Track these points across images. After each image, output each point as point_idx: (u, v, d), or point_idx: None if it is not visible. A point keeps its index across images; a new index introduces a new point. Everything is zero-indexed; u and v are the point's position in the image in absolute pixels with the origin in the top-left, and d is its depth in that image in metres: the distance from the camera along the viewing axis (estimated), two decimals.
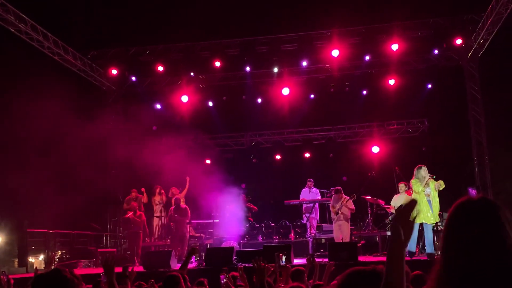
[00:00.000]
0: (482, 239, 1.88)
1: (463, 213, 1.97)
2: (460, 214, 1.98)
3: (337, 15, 15.84)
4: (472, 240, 1.89)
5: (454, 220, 1.99)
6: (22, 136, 13.46)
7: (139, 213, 14.34)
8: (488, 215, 1.93)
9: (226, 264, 9.49)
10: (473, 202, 1.99)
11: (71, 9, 15.73)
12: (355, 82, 18.02)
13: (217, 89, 18.62)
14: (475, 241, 1.88)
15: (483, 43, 15.97)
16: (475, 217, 1.94)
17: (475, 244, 1.88)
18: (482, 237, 1.88)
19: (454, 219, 1.99)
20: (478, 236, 1.89)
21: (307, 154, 19.33)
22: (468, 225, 1.93)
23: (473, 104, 16.69)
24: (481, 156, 16.47)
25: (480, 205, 1.97)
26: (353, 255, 10.59)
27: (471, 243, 1.89)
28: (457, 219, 1.98)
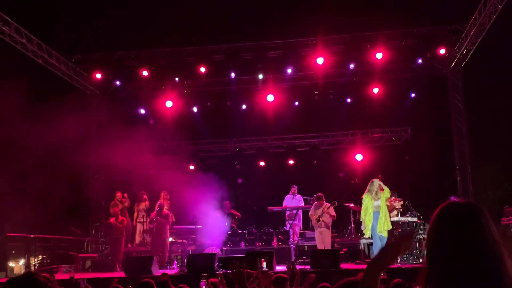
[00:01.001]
0: (467, 243, 1.89)
1: (448, 217, 1.98)
2: (445, 217, 1.99)
3: (322, 23, 15.93)
4: (458, 245, 1.89)
5: (439, 223, 1.99)
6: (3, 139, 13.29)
7: (121, 219, 14.24)
8: (473, 219, 1.94)
9: (208, 271, 9.44)
10: (458, 205, 1.99)
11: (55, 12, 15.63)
12: (340, 90, 18.10)
13: (202, 94, 18.59)
14: (460, 245, 1.89)
15: (466, 53, 16.15)
16: (460, 221, 1.94)
17: (461, 249, 1.89)
18: (467, 241, 1.89)
19: (439, 222, 1.99)
20: (463, 241, 1.89)
21: (291, 161, 19.37)
22: (453, 229, 1.93)
23: (456, 113, 16.85)
24: (464, 166, 16.60)
25: (465, 209, 1.97)
26: (335, 262, 10.60)
27: (456, 248, 1.89)
28: (442, 223, 1.98)
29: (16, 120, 13.32)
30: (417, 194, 16.03)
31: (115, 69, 17.69)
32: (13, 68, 14.60)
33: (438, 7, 16.21)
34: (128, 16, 16.63)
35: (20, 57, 14.77)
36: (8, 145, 13.61)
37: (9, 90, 12.83)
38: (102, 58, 17.31)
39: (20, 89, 13.08)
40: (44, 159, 13.56)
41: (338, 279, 3.69)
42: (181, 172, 15.89)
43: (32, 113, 13.62)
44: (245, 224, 15.45)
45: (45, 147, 13.30)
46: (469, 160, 16.56)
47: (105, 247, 16.55)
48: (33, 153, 13.48)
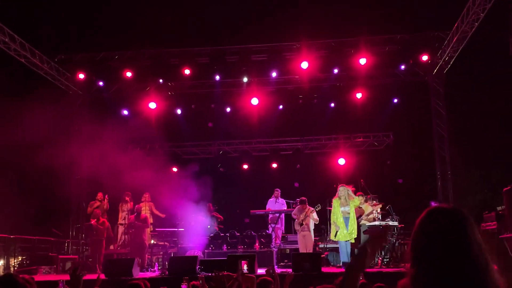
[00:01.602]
0: (453, 247, 1.90)
1: (434, 221, 1.99)
2: (431, 222, 2.00)
3: (307, 28, 16.04)
4: (443, 249, 1.91)
5: (425, 228, 2.00)
6: None
7: (102, 220, 14.14)
8: (459, 224, 1.96)
9: (190, 273, 9.42)
10: (443, 210, 2.01)
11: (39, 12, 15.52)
12: (323, 94, 18.20)
13: (186, 97, 18.55)
14: (446, 249, 1.91)
15: (449, 60, 16.34)
16: (446, 225, 1.96)
17: (446, 253, 1.90)
18: (452, 246, 1.91)
19: (424, 227, 2.01)
20: (448, 245, 1.91)
21: (274, 165, 19.41)
22: (438, 233, 1.95)
23: (437, 119, 17.03)
24: (444, 171, 16.78)
25: (451, 214, 1.99)
26: (317, 266, 10.63)
27: (442, 252, 1.91)
28: (428, 227, 1.99)
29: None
30: (398, 198, 16.17)
31: (99, 69, 17.60)
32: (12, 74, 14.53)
33: (421, 14, 16.40)
34: (112, 17, 16.57)
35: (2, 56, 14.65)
36: None
37: None
38: (86, 59, 17.20)
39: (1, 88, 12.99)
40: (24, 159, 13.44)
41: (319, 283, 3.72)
42: (164, 174, 15.84)
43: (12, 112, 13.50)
44: (228, 227, 15.43)
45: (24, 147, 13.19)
46: (450, 166, 16.74)
47: (85, 249, 16.43)
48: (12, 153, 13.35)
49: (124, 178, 15.28)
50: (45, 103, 14.02)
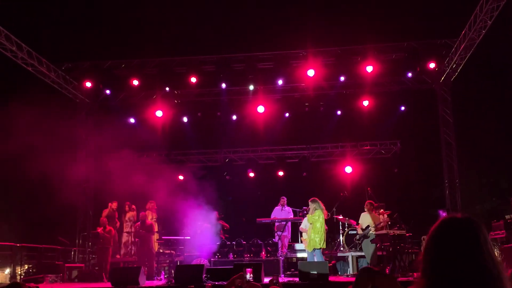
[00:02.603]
0: (466, 258, 1.88)
1: (447, 232, 1.97)
2: (444, 232, 1.98)
3: (313, 36, 16.01)
4: (456, 259, 1.89)
5: (438, 238, 1.98)
6: None
7: (108, 228, 14.13)
8: (472, 234, 1.93)
9: (196, 282, 9.38)
10: (457, 220, 1.98)
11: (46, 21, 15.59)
12: (330, 102, 18.16)
13: (192, 105, 18.57)
14: (458, 260, 1.88)
15: (456, 67, 16.28)
16: (459, 236, 1.93)
17: (459, 263, 1.88)
18: (465, 256, 1.88)
19: (438, 237, 1.98)
20: (461, 255, 1.89)
21: (281, 173, 19.35)
22: (451, 244, 1.92)
23: (445, 127, 16.95)
24: (452, 179, 16.68)
25: (464, 224, 1.96)
26: (324, 275, 10.55)
27: (454, 262, 1.88)
28: (441, 238, 1.97)
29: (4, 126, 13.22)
30: (406, 207, 16.07)
31: (105, 78, 17.65)
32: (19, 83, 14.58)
33: (428, 21, 16.36)
34: (119, 25, 16.62)
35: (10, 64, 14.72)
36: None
37: None
38: (93, 67, 17.27)
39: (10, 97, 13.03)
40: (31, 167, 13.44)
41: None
42: (170, 182, 15.82)
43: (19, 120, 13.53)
44: (234, 236, 15.38)
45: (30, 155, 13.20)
46: (458, 174, 16.64)
47: (92, 257, 16.40)
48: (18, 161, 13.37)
49: (130, 186, 15.28)
50: (52, 111, 14.05)
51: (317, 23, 16.01)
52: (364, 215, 12.91)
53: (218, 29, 16.53)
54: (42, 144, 13.77)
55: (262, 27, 16.82)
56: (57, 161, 14.23)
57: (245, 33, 16.85)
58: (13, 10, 15.23)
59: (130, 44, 16.87)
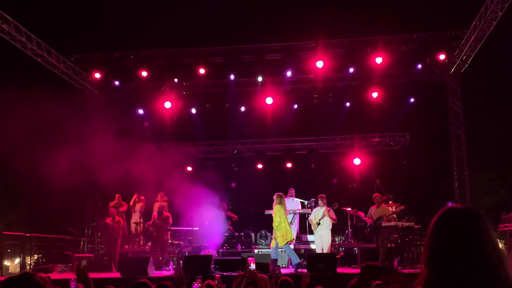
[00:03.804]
0: (466, 249, 1.88)
1: (448, 222, 1.97)
2: (444, 223, 1.98)
3: (322, 27, 15.96)
4: (456, 250, 1.89)
5: (438, 229, 1.98)
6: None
7: (117, 219, 14.20)
8: (472, 224, 1.93)
9: (204, 273, 9.41)
10: (457, 211, 1.98)
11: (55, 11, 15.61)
12: (339, 94, 18.10)
13: (201, 96, 18.56)
14: (459, 251, 1.89)
15: (466, 59, 16.16)
16: (459, 226, 1.94)
17: (460, 254, 1.88)
18: (466, 247, 1.89)
19: (438, 228, 1.99)
20: (462, 246, 1.89)
21: (289, 164, 19.34)
22: (452, 235, 1.93)
23: (454, 119, 16.85)
24: (461, 172, 16.60)
25: (464, 214, 1.97)
26: (332, 266, 10.57)
27: (455, 253, 1.89)
28: (441, 228, 1.97)
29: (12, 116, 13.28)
30: (414, 199, 16.04)
31: (114, 69, 17.66)
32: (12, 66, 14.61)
33: (438, 12, 16.25)
34: (127, 17, 16.63)
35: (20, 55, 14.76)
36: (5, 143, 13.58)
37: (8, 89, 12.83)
38: (101, 58, 17.27)
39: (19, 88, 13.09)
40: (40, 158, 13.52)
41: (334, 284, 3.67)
42: (178, 174, 15.86)
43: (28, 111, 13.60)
44: (242, 227, 15.42)
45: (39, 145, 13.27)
46: (467, 166, 16.56)
47: (101, 247, 16.50)
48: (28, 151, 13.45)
49: (138, 177, 15.35)
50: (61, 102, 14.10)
51: (327, 14, 15.94)
52: (374, 209, 12.89)
53: (227, 20, 16.51)
54: (51, 135, 13.85)
55: (271, 18, 16.79)
56: (65, 152, 14.30)
57: (253, 24, 16.82)
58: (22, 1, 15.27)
59: (139, 35, 16.89)
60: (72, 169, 14.72)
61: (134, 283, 5.24)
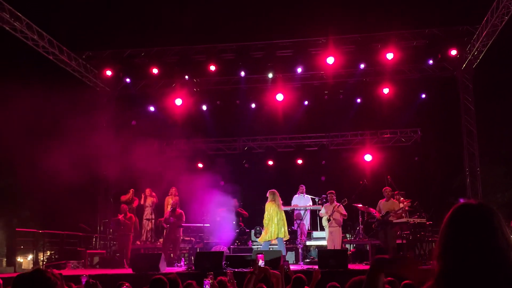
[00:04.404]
0: (480, 245, 1.87)
1: (461, 218, 1.96)
2: (458, 219, 1.97)
3: (333, 23, 15.91)
4: (470, 247, 1.88)
5: (452, 225, 1.97)
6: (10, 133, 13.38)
7: (129, 215, 14.28)
8: (486, 220, 1.92)
9: (216, 269, 9.44)
10: (471, 207, 1.98)
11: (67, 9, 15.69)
12: (349, 90, 18.04)
13: (211, 93, 18.59)
14: (473, 247, 1.87)
15: (478, 54, 16.05)
16: (473, 222, 1.93)
17: (473, 251, 1.87)
18: (479, 243, 1.87)
19: (451, 224, 1.98)
20: (475, 242, 1.88)
21: (300, 161, 19.32)
22: (466, 231, 1.92)
23: (466, 115, 16.74)
24: (473, 167, 16.51)
25: (478, 210, 1.96)
26: (343, 263, 10.56)
27: (468, 250, 1.88)
28: (455, 225, 1.96)
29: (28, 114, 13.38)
30: (426, 195, 15.98)
31: (125, 66, 17.74)
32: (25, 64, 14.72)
33: (450, 8, 16.14)
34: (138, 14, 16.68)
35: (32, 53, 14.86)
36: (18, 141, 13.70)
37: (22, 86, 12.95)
38: (112, 56, 17.35)
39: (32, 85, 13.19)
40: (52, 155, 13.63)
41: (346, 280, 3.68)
42: (189, 170, 15.92)
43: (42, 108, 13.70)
44: (252, 223, 15.45)
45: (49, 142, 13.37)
46: (479, 162, 16.46)
47: (113, 244, 16.60)
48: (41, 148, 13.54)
49: (150, 173, 15.42)
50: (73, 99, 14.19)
51: (337, 10, 15.88)
52: (384, 203, 12.87)
53: (237, 17, 16.50)
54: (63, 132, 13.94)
55: (281, 15, 16.76)
56: (78, 148, 14.39)
57: (264, 20, 16.80)
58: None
59: (150, 32, 16.93)
60: (83, 166, 14.83)
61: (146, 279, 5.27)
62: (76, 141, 14.05)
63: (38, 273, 2.64)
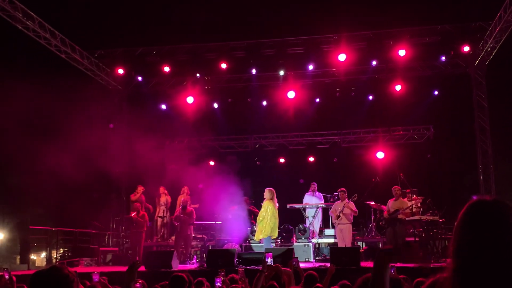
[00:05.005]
0: (495, 242, 1.85)
1: (476, 214, 1.95)
2: (473, 216, 1.95)
3: (345, 20, 15.81)
4: (485, 244, 1.86)
5: (467, 222, 1.96)
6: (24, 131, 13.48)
7: (142, 213, 14.34)
8: (502, 216, 1.91)
9: (228, 266, 9.46)
10: (486, 203, 1.96)
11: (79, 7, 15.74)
12: (361, 87, 17.96)
13: (223, 91, 18.61)
14: (488, 244, 1.86)
15: (491, 51, 15.92)
16: (488, 219, 1.91)
17: (489, 248, 1.85)
18: (495, 240, 1.86)
19: (466, 221, 1.96)
20: (491, 239, 1.86)
21: (311, 158, 19.29)
22: (481, 228, 1.90)
23: (479, 112, 16.62)
24: (486, 165, 16.39)
25: (493, 206, 1.94)
26: (355, 260, 10.53)
27: (484, 247, 1.86)
28: (470, 222, 1.95)
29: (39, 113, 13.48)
30: (439, 193, 15.90)
31: (137, 65, 17.81)
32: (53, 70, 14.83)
33: (462, 4, 15.99)
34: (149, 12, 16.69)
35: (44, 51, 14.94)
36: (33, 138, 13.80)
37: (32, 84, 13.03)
38: (124, 54, 17.42)
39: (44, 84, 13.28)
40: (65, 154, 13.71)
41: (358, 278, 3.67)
42: (201, 168, 15.96)
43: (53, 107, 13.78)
44: None
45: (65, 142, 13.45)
46: (492, 159, 16.34)
47: (125, 241, 16.70)
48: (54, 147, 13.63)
49: (162, 171, 15.48)
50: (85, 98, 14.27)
51: (349, 7, 15.78)
52: (393, 202, 12.83)
53: (248, 14, 16.44)
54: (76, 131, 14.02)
55: (292, 12, 16.69)
56: (90, 147, 14.48)
57: (275, 18, 16.74)
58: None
59: (161, 30, 16.92)
60: (96, 164, 14.92)
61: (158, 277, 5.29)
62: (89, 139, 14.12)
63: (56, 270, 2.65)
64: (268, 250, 10.94)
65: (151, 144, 15.72)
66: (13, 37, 14.45)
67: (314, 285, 5.50)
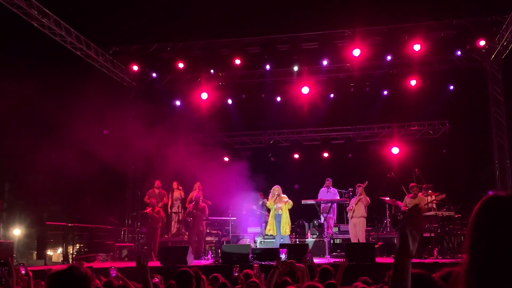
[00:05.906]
0: (509, 237, 1.82)
1: (491, 210, 1.92)
2: (487, 210, 1.93)
3: (359, 14, 15.70)
4: (500, 238, 1.84)
5: (482, 218, 1.93)
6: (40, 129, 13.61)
7: (157, 209, 14.43)
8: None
9: (242, 262, 9.50)
10: (501, 198, 1.94)
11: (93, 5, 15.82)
12: (376, 82, 17.87)
13: (237, 87, 18.62)
14: (502, 239, 1.83)
15: (507, 45, 15.75)
16: (502, 214, 1.88)
17: (505, 244, 1.83)
18: (509, 235, 1.83)
19: (481, 217, 1.94)
20: (505, 234, 1.83)
21: (326, 154, 19.24)
22: (496, 223, 1.87)
23: (495, 106, 16.46)
24: (503, 160, 16.24)
25: (508, 202, 1.91)
26: (371, 256, 10.51)
27: (500, 243, 1.84)
28: (484, 216, 1.92)
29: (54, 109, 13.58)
30: (454, 188, 15.78)
31: (151, 61, 17.87)
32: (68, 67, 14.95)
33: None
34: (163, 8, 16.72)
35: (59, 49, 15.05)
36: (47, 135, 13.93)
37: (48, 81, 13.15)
38: (139, 51, 17.48)
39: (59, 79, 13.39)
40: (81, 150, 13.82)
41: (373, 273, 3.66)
42: (215, 164, 16.01)
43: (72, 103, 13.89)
44: None
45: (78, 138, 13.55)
46: (508, 154, 16.18)
47: (141, 237, 16.80)
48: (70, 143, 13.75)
49: (176, 167, 15.54)
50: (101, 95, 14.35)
51: (363, 2, 15.69)
52: (410, 198, 12.77)
53: (262, 10, 16.41)
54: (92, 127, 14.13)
55: (306, 7, 16.62)
56: (106, 143, 14.59)
57: (289, 13, 16.69)
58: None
59: (175, 26, 16.94)
60: (112, 160, 15.02)
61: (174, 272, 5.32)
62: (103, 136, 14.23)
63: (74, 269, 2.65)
64: (283, 246, 10.96)
65: (166, 140, 15.79)
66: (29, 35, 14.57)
67: (329, 279, 5.51)
